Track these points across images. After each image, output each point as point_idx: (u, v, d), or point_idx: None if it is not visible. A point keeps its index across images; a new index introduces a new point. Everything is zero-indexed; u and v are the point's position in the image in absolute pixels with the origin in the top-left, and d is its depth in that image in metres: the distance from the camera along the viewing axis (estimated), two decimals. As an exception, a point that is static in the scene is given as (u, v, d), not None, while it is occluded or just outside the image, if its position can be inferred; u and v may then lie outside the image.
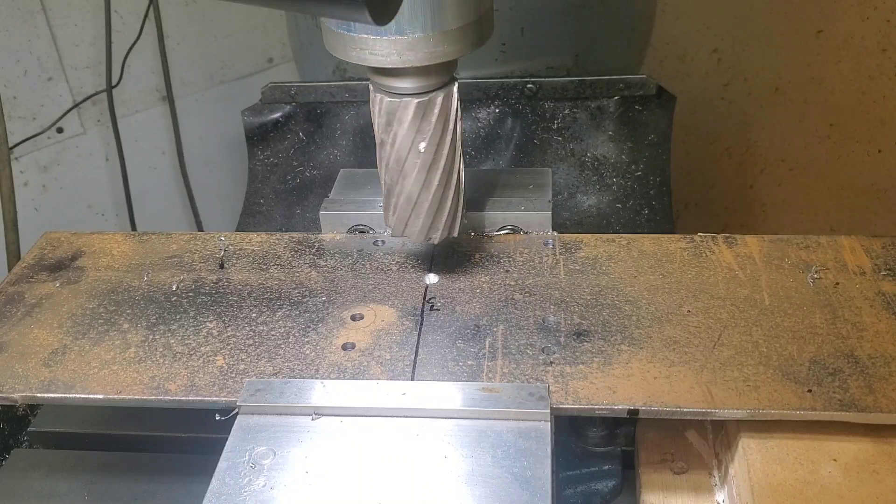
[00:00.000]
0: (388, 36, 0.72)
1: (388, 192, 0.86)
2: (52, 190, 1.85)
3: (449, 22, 0.73)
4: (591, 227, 1.24)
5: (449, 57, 0.75)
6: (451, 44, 0.74)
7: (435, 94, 0.79)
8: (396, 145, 0.81)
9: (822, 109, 2.10)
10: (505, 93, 1.31)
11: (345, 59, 0.75)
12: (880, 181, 2.17)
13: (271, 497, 0.67)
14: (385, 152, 0.83)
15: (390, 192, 0.86)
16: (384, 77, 0.78)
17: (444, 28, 0.73)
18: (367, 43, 0.73)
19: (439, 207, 0.85)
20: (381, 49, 0.73)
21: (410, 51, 0.73)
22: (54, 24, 1.71)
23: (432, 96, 0.79)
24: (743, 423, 0.75)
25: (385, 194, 0.87)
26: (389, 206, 0.87)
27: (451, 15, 0.73)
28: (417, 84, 0.78)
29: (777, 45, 2.02)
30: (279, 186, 1.33)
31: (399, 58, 0.73)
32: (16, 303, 0.91)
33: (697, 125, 2.14)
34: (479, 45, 0.77)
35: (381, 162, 0.85)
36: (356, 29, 0.72)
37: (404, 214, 0.86)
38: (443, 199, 0.84)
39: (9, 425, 0.96)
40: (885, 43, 1.95)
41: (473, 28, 0.75)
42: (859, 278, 0.88)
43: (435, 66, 0.76)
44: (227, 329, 0.86)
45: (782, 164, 2.23)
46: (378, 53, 0.73)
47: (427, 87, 0.78)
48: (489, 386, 0.76)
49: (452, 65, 0.79)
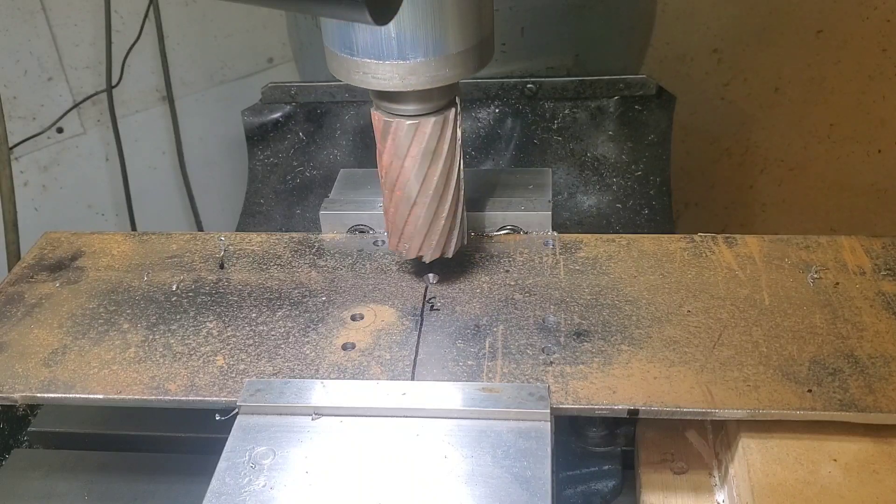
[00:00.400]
0: (391, 60, 0.73)
1: (384, 205, 0.87)
2: (52, 190, 1.85)
3: (451, 46, 0.73)
4: (591, 227, 1.24)
5: (450, 80, 0.76)
6: (452, 67, 0.75)
7: (432, 115, 0.79)
8: (392, 162, 0.81)
9: (821, 109, 2.09)
10: (505, 93, 1.31)
11: (348, 82, 0.76)
12: (880, 181, 2.17)
13: (271, 497, 0.67)
14: (381, 167, 0.84)
15: (385, 206, 0.86)
16: (384, 98, 0.79)
17: (445, 52, 0.73)
18: (370, 67, 0.73)
19: (431, 226, 0.85)
20: (383, 73, 0.74)
21: (412, 75, 0.74)
22: (54, 24, 1.71)
23: (429, 118, 0.79)
24: (743, 423, 0.75)
25: (383, 207, 0.88)
26: (386, 220, 0.88)
27: (453, 40, 0.73)
28: (416, 106, 0.78)
29: (777, 45, 2.01)
30: (279, 186, 1.33)
31: (401, 81, 0.74)
32: (16, 303, 0.91)
33: (697, 125, 2.14)
34: (480, 69, 0.78)
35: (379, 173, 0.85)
36: (359, 53, 0.73)
37: (396, 230, 0.86)
38: (435, 219, 0.84)
39: (9, 425, 0.96)
40: (885, 43, 1.95)
41: (474, 52, 0.76)
42: (859, 278, 0.88)
43: (435, 89, 0.77)
44: (227, 329, 0.86)
45: (782, 164, 2.23)
46: (380, 77, 0.74)
47: (425, 109, 0.79)
48: (489, 386, 0.76)
49: (453, 87, 0.79)
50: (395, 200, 0.84)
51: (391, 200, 0.84)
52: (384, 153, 0.82)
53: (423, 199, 0.83)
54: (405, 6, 0.68)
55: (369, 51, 0.72)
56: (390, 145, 0.81)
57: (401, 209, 0.84)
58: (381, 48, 0.72)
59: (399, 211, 0.84)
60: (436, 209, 0.83)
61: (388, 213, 0.86)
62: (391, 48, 0.72)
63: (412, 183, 0.82)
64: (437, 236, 0.85)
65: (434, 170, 0.81)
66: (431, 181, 0.81)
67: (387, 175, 0.83)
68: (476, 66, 0.76)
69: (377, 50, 0.72)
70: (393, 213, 0.85)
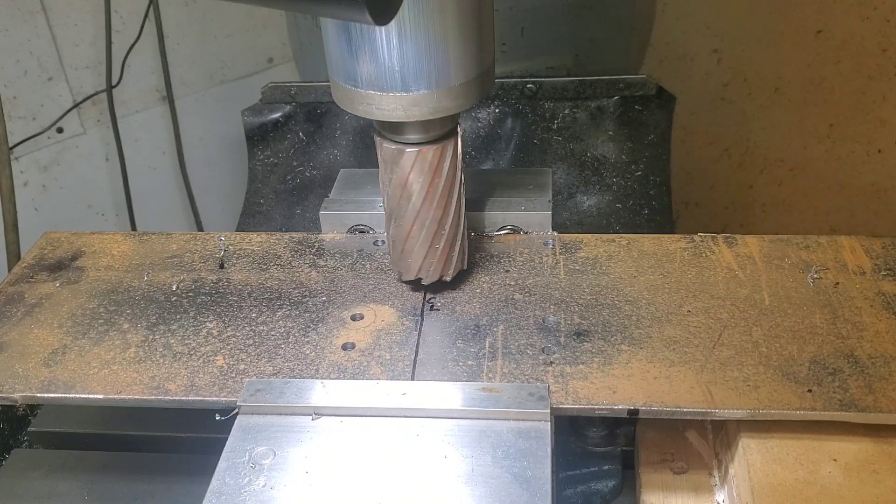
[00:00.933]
0: (394, 92, 0.74)
1: (386, 226, 0.88)
2: (52, 190, 1.85)
3: (453, 79, 0.75)
4: (591, 227, 1.24)
5: (452, 111, 0.77)
6: (454, 99, 0.76)
7: (433, 144, 0.80)
8: (393, 187, 0.83)
9: (821, 109, 2.09)
10: (505, 93, 1.31)
11: (352, 112, 0.78)
12: (880, 181, 2.17)
13: (271, 497, 0.67)
14: (383, 190, 0.85)
15: (387, 228, 0.88)
16: (387, 127, 0.80)
17: (448, 85, 0.75)
18: (374, 98, 0.75)
19: (430, 249, 0.85)
20: (386, 104, 0.75)
21: (415, 106, 0.75)
22: (54, 24, 1.71)
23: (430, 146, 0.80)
24: (743, 423, 0.75)
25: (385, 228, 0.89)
26: (387, 240, 0.89)
27: (455, 72, 0.75)
28: (417, 135, 0.80)
29: (777, 45, 2.01)
30: (279, 186, 1.33)
31: (404, 112, 0.75)
32: (16, 303, 0.91)
33: (697, 125, 2.14)
34: (480, 99, 0.80)
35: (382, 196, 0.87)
36: (363, 85, 0.75)
37: (396, 251, 0.87)
38: (434, 243, 0.85)
39: (9, 425, 0.96)
40: (885, 43, 1.95)
41: (476, 83, 0.77)
42: (859, 278, 0.88)
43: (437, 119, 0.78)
44: (227, 329, 0.86)
45: (782, 164, 2.23)
46: (384, 108, 0.75)
47: (426, 138, 0.80)
48: (489, 386, 0.76)
49: (454, 116, 0.81)
50: (395, 223, 0.85)
51: (391, 223, 0.86)
52: (386, 178, 0.83)
53: (421, 223, 0.84)
54: (408, 40, 0.70)
55: (373, 83, 0.74)
56: (392, 170, 0.82)
57: (401, 232, 0.85)
58: (384, 80, 0.73)
59: (399, 233, 0.85)
60: (434, 233, 0.85)
61: (388, 235, 0.88)
62: (395, 80, 0.73)
63: (412, 207, 0.83)
64: (436, 260, 0.86)
65: (433, 196, 0.82)
66: (430, 206, 0.83)
67: (388, 199, 0.85)
68: (477, 97, 0.78)
69: (381, 82, 0.74)
70: (393, 234, 0.86)
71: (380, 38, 0.71)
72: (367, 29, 0.71)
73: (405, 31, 0.70)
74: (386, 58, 0.72)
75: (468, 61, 0.75)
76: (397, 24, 0.70)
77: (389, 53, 0.71)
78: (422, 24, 0.70)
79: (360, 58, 0.73)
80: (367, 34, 0.71)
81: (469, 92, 0.76)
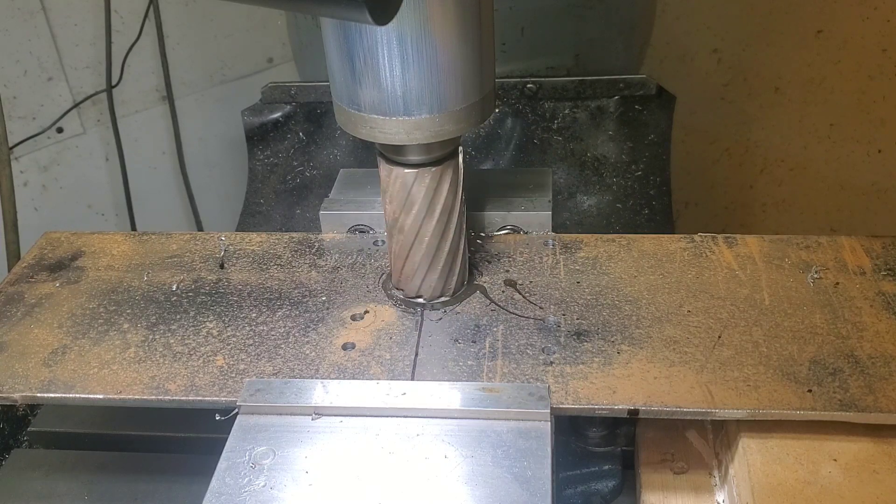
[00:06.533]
0: (397, 117, 0.75)
1: (387, 244, 0.89)
2: (52, 190, 1.85)
3: (454, 103, 0.76)
4: (591, 227, 1.24)
5: (453, 135, 0.78)
6: (455, 123, 0.77)
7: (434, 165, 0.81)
8: (394, 206, 0.84)
9: (821, 109, 2.09)
10: (505, 93, 1.31)
11: (355, 136, 0.79)
12: (880, 181, 2.17)
13: (271, 497, 0.67)
14: (385, 209, 0.86)
15: (388, 245, 0.88)
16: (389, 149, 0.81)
17: (449, 109, 0.76)
18: (377, 122, 0.76)
19: (430, 269, 0.86)
20: (389, 128, 0.76)
21: (417, 130, 0.76)
22: (54, 24, 1.71)
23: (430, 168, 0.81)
24: (743, 423, 0.75)
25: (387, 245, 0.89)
26: (389, 257, 0.90)
27: (457, 97, 0.76)
28: (418, 157, 0.81)
29: (777, 45, 2.01)
30: (279, 186, 1.33)
31: (406, 136, 0.76)
32: (16, 303, 0.91)
33: (697, 125, 2.14)
34: (482, 122, 0.81)
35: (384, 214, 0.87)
36: (366, 109, 0.76)
37: (397, 269, 0.88)
38: (434, 262, 0.86)
39: (9, 425, 0.96)
40: (885, 43, 1.95)
41: (477, 107, 0.78)
42: (859, 278, 0.88)
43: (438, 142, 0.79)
44: (227, 329, 0.86)
45: (782, 164, 2.23)
46: (387, 132, 0.76)
47: (427, 160, 0.81)
48: (489, 386, 0.76)
49: (455, 139, 0.81)
50: (396, 241, 0.86)
51: (393, 241, 0.86)
52: (387, 197, 0.84)
53: (421, 242, 0.84)
54: (411, 67, 0.71)
55: (376, 108, 0.75)
56: (393, 190, 0.83)
57: (401, 250, 0.86)
58: (387, 105, 0.74)
59: (400, 252, 0.86)
60: (434, 253, 0.85)
61: (390, 252, 0.88)
62: (397, 106, 0.74)
63: (412, 227, 0.83)
64: (436, 278, 0.86)
65: (433, 216, 0.83)
66: (430, 226, 0.83)
67: (389, 218, 0.85)
68: (478, 121, 0.79)
69: (384, 107, 0.75)
70: (395, 252, 0.87)
71: (383, 65, 0.72)
72: (370, 57, 0.72)
73: (408, 58, 0.71)
74: (389, 84, 0.73)
75: (470, 86, 0.76)
76: (400, 52, 0.71)
77: (392, 80, 0.73)
78: (425, 51, 0.71)
79: (363, 84, 0.74)
80: (371, 62, 0.72)
81: (470, 116, 0.78)
